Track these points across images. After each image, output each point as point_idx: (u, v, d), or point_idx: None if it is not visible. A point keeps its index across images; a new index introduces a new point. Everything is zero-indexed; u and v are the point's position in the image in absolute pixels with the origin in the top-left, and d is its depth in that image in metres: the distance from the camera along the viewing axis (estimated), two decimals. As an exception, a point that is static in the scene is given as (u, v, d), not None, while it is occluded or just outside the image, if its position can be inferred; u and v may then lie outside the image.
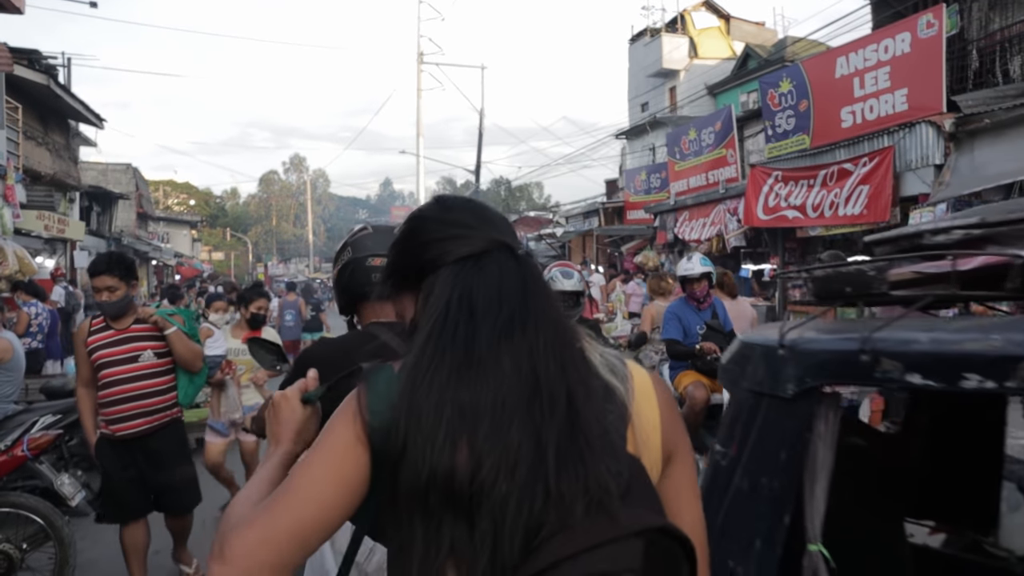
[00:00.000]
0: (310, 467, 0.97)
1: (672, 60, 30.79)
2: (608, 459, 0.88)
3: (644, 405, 1.03)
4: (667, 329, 5.50)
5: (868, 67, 10.91)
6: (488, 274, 1.02)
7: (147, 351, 3.71)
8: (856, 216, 10.69)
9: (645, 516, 0.89)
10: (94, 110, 16.41)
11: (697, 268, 5.39)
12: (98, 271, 3.62)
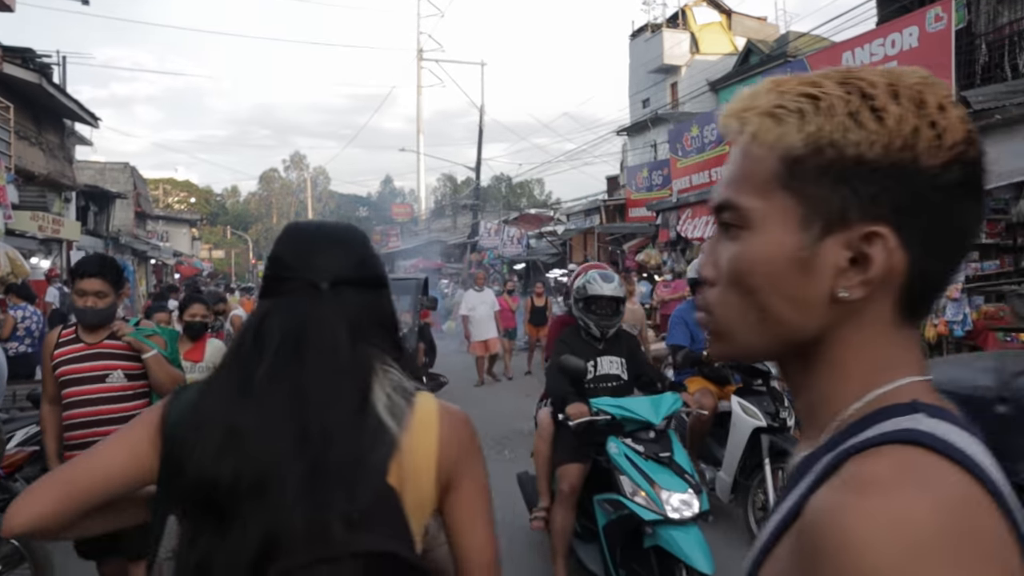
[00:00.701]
0: (109, 444, 1.19)
1: (673, 56, 30.62)
2: (346, 491, 1.01)
3: (421, 439, 1.14)
4: (673, 334, 5.31)
5: (875, 62, 10.67)
6: (283, 315, 1.19)
7: (117, 371, 3.25)
8: (863, 214, 10.48)
9: (370, 541, 1.03)
10: (88, 109, 16.22)
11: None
12: (88, 272, 3.21)
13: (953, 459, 0.56)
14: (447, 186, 65.38)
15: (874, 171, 0.64)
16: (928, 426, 0.60)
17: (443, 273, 28.95)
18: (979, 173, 0.66)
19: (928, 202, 0.64)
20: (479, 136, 30.18)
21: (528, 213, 31.41)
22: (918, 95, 0.65)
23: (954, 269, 0.68)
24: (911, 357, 0.68)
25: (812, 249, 0.66)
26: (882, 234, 0.64)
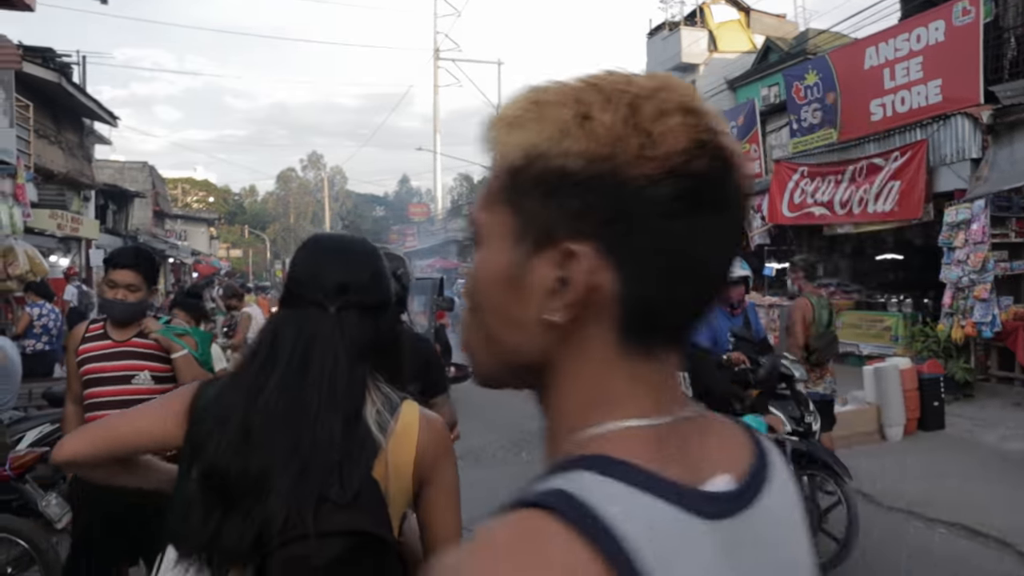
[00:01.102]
0: (149, 408, 1.51)
1: (691, 54, 30.30)
2: (337, 482, 1.18)
3: (402, 443, 1.36)
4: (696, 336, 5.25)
5: (899, 57, 10.48)
6: (295, 329, 1.39)
7: (144, 373, 3.01)
8: (887, 213, 10.27)
9: (355, 521, 1.24)
10: (107, 108, 16.29)
11: (736, 271, 4.99)
12: (122, 263, 2.99)
13: (573, 521, 0.51)
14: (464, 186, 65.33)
15: (577, 184, 0.57)
16: (580, 487, 0.53)
17: (460, 273, 28.87)
18: (706, 187, 0.57)
19: (636, 218, 0.57)
20: (496, 135, 30.01)
21: (545, 212, 31.17)
22: (635, 100, 0.58)
23: (693, 295, 0.60)
24: (636, 394, 0.60)
25: (523, 267, 0.60)
26: (577, 253, 0.57)
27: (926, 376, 7.88)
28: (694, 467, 0.60)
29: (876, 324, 11.35)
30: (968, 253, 8.66)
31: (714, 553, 0.56)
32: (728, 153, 0.59)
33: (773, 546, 0.63)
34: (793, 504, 0.68)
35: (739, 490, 0.61)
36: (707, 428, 0.65)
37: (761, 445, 0.68)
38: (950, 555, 4.71)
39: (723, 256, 0.61)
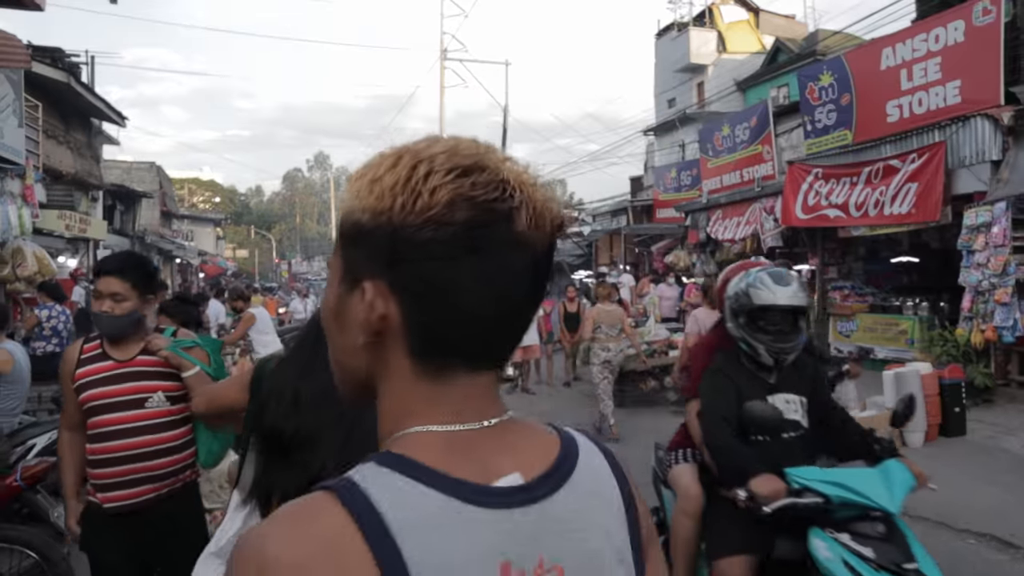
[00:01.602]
0: (230, 384, 2.32)
1: (700, 55, 30.20)
2: (374, 444, 1.09)
3: None
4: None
5: (917, 58, 10.33)
6: None
7: (157, 393, 2.71)
8: (904, 215, 10.12)
9: None
10: (116, 108, 16.22)
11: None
12: (105, 270, 2.68)
13: (343, 500, 0.66)
14: (469, 186, 65.09)
15: (367, 234, 0.71)
16: (362, 475, 0.69)
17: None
18: (465, 235, 0.69)
19: (408, 260, 0.70)
20: (503, 136, 29.95)
21: (552, 213, 31.09)
22: (416, 163, 0.70)
23: (459, 323, 0.71)
24: (434, 405, 0.73)
25: (344, 302, 0.75)
26: (366, 288, 0.72)
27: (947, 381, 7.74)
28: (485, 464, 0.72)
29: (892, 327, 11.21)
30: (988, 256, 8.52)
31: (491, 534, 0.69)
32: (501, 208, 0.70)
33: (572, 534, 0.75)
34: (599, 501, 0.80)
35: (527, 486, 0.73)
36: (510, 434, 0.77)
37: (571, 453, 0.80)
38: (983, 568, 4.59)
39: (497, 295, 0.71)
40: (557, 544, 0.73)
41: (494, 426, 0.75)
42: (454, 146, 0.72)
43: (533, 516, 0.72)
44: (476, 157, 0.72)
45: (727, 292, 3.02)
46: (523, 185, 0.73)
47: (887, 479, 2.55)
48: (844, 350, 12.06)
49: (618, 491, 0.83)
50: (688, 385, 3.34)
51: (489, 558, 0.69)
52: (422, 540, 0.66)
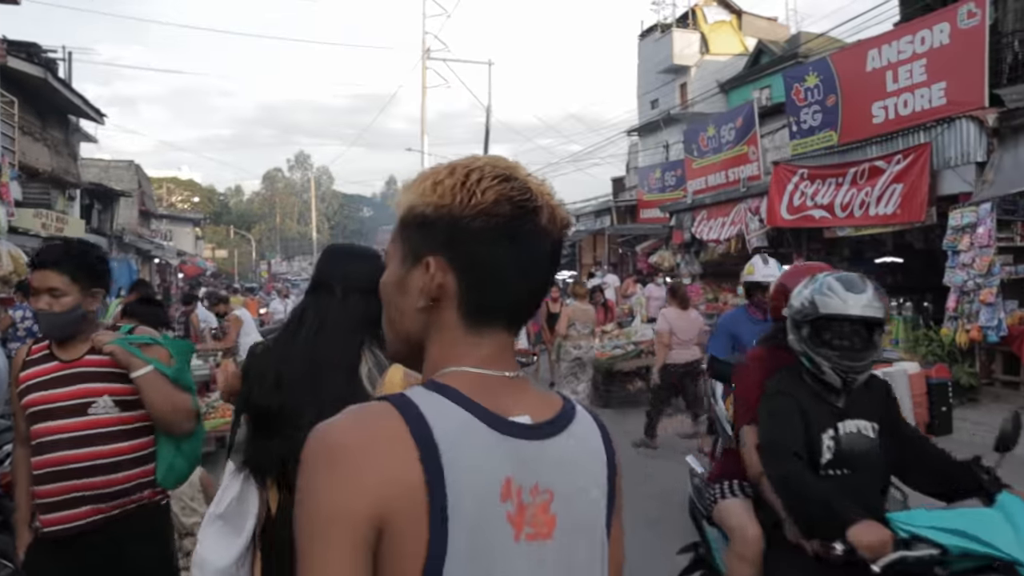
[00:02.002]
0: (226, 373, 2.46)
1: (683, 56, 30.28)
2: None
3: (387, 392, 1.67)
4: (712, 344, 5.00)
5: (902, 60, 10.37)
6: (315, 307, 2.04)
7: (103, 397, 2.33)
8: (889, 216, 10.16)
9: None
10: (94, 105, 15.95)
11: (776, 274, 4.61)
12: (40, 263, 2.39)
13: (398, 408, 0.88)
14: (452, 187, 64.91)
15: (432, 223, 0.95)
16: (413, 393, 0.91)
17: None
18: (506, 224, 0.93)
19: (462, 242, 0.93)
20: (486, 136, 29.88)
21: (535, 214, 31.03)
22: (469, 171, 0.95)
23: (498, 291, 0.95)
24: (472, 353, 0.96)
25: (405, 276, 0.98)
26: (430, 262, 0.95)
27: (934, 381, 7.74)
28: (503, 403, 0.93)
29: (877, 328, 11.26)
30: (974, 256, 8.56)
31: (501, 454, 0.90)
32: (530, 206, 0.95)
33: (564, 471, 0.96)
34: (588, 453, 1.01)
35: (533, 426, 0.95)
36: (523, 386, 0.99)
37: (570, 411, 1.01)
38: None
39: (525, 271, 0.96)
40: (551, 475, 0.94)
41: (512, 378, 0.98)
42: (494, 160, 0.98)
43: (534, 450, 0.94)
44: (510, 169, 0.98)
45: (796, 300, 2.56)
46: (542, 192, 0.98)
47: (1010, 520, 2.11)
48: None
49: (604, 453, 1.03)
50: (741, 409, 2.86)
51: (498, 471, 0.90)
52: (453, 445, 0.87)
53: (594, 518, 1.00)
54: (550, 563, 0.93)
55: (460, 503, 0.85)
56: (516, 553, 0.90)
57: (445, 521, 0.84)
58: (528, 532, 0.91)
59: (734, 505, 2.83)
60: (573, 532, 0.96)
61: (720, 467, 3.06)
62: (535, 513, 0.92)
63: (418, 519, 0.84)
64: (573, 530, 0.96)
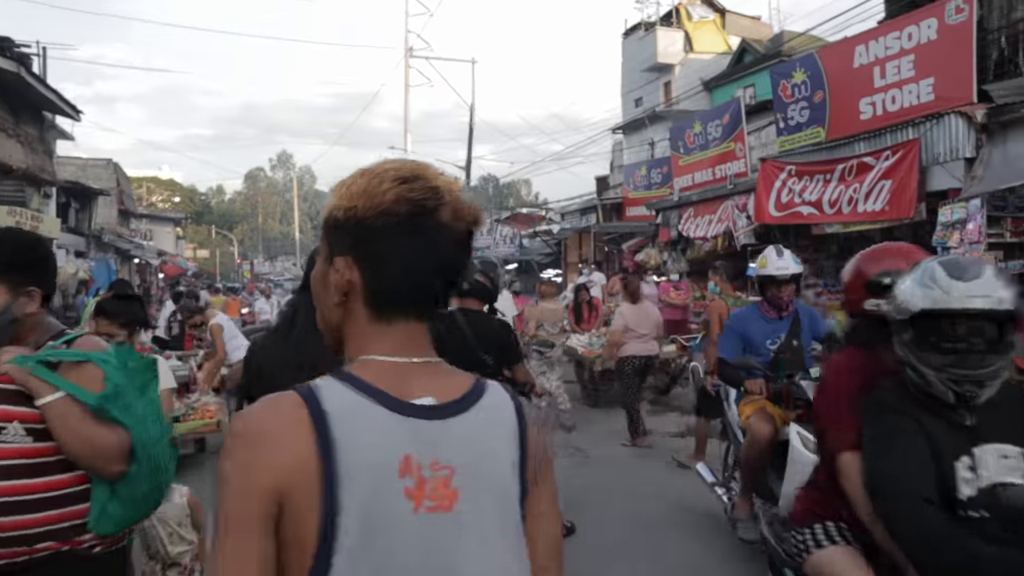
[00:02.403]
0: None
1: (667, 54, 30.30)
2: None
3: None
4: (722, 345, 4.57)
5: (890, 55, 10.31)
6: (305, 307, 2.24)
7: (13, 424, 1.91)
8: (878, 212, 10.10)
9: None
10: (70, 101, 15.60)
11: (791, 267, 4.37)
12: None
13: (303, 396, 0.99)
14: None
15: (341, 224, 1.07)
16: (319, 383, 1.02)
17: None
18: (405, 222, 1.04)
19: (366, 240, 1.05)
20: (469, 134, 29.72)
21: (520, 213, 30.97)
22: (375, 174, 1.07)
23: (401, 284, 1.06)
24: (381, 341, 1.07)
25: (326, 273, 1.10)
26: (338, 260, 1.07)
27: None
28: (406, 387, 1.04)
29: (865, 325, 11.22)
30: (964, 252, 8.50)
31: (400, 433, 1.00)
32: (430, 204, 1.04)
33: (469, 447, 1.04)
34: (496, 430, 1.08)
35: (436, 407, 1.04)
36: (432, 370, 1.09)
37: (479, 390, 1.09)
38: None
39: (426, 265, 1.05)
40: (454, 452, 1.01)
41: (420, 363, 1.07)
42: (401, 165, 1.08)
43: (436, 428, 1.01)
44: (416, 171, 1.06)
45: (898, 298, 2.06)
46: (451, 191, 1.06)
47: None
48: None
49: (516, 428, 1.09)
50: (833, 429, 2.31)
51: (396, 449, 0.98)
52: (346, 425, 0.97)
53: (504, 492, 1.07)
54: (452, 534, 1.00)
55: (353, 478, 0.95)
56: (415, 524, 0.98)
57: (335, 494, 0.94)
58: (428, 505, 0.99)
59: (838, 558, 2.22)
60: (479, 505, 1.03)
61: (804, 505, 2.52)
62: (436, 487, 0.99)
63: (312, 491, 0.94)
64: (479, 503, 1.03)
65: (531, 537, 1.10)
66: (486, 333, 4.08)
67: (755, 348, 4.35)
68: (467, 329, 3.98)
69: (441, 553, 0.99)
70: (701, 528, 5.30)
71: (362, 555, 0.94)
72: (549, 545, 1.13)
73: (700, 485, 5.35)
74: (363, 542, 0.94)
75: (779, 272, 4.32)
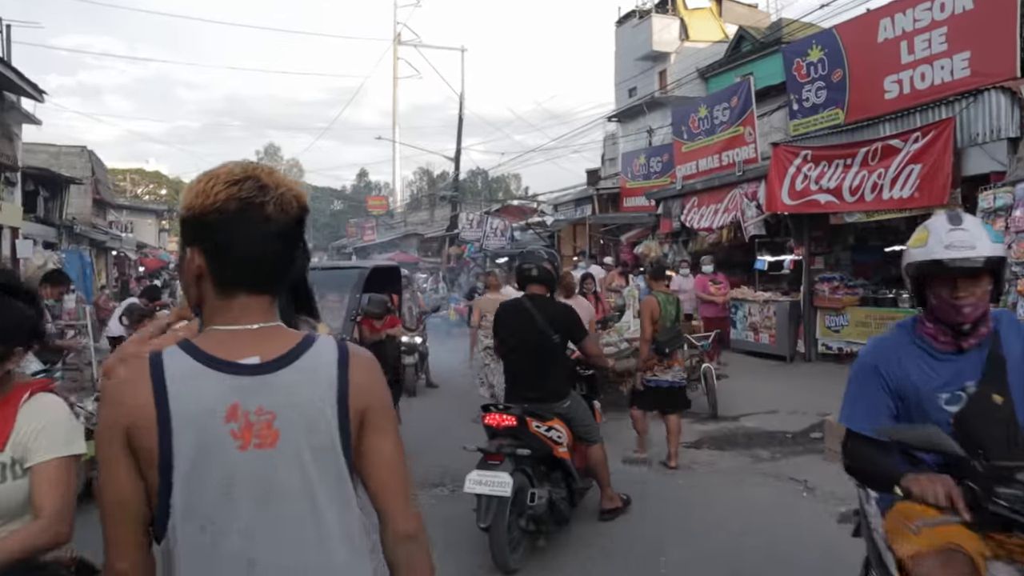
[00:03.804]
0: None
1: (662, 42, 29.46)
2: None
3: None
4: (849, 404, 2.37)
5: (919, 28, 9.48)
6: None
7: None
8: (906, 199, 9.28)
9: None
10: (30, 80, 14.53)
11: (984, 245, 2.12)
12: None
13: (150, 361, 1.27)
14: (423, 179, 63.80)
15: (187, 221, 1.33)
16: (165, 350, 1.29)
17: (420, 267, 27.58)
18: (234, 217, 1.28)
19: (205, 233, 1.30)
20: (459, 124, 28.79)
21: (511, 205, 30.06)
22: (210, 176, 1.32)
23: (235, 267, 1.31)
24: (222, 314, 1.33)
25: (184, 261, 1.35)
26: (188, 250, 1.33)
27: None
28: (236, 350, 1.29)
29: (887, 321, 10.36)
30: (1010, 243, 7.68)
31: (226, 387, 1.26)
32: (256, 201, 1.29)
33: (288, 395, 1.29)
34: (315, 381, 1.33)
35: (262, 364, 1.29)
36: (267, 335, 1.34)
37: (302, 347, 1.35)
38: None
39: (253, 250, 1.31)
40: (275, 399, 1.28)
41: (256, 329, 1.33)
42: (235, 168, 1.34)
43: (258, 382, 1.29)
44: (245, 172, 1.32)
45: None
46: (279, 186, 1.33)
47: None
48: (833, 346, 11.24)
49: (336, 379, 1.34)
50: None
51: (223, 399, 1.26)
52: (178, 383, 1.26)
53: (323, 431, 1.31)
54: (277, 465, 1.27)
55: (184, 422, 1.24)
56: (243, 458, 1.26)
57: (169, 432, 1.23)
58: (255, 443, 1.26)
59: None
60: (298, 442, 1.29)
61: None
62: (261, 428, 1.27)
63: (152, 431, 1.24)
64: (297, 441, 1.29)
65: (368, 468, 1.37)
66: (552, 315, 4.70)
67: (917, 407, 2.28)
68: (536, 312, 4.63)
69: (264, 479, 1.26)
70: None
71: (195, 479, 1.23)
72: (386, 474, 1.38)
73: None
74: (196, 470, 1.24)
75: (958, 255, 2.14)
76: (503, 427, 4.53)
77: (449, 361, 11.39)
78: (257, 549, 1.24)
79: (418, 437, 7.76)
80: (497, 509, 4.19)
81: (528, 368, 4.77)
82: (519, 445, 4.44)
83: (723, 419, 8.42)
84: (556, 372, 4.79)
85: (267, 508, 1.25)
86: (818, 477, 6.08)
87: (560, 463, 4.70)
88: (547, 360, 4.74)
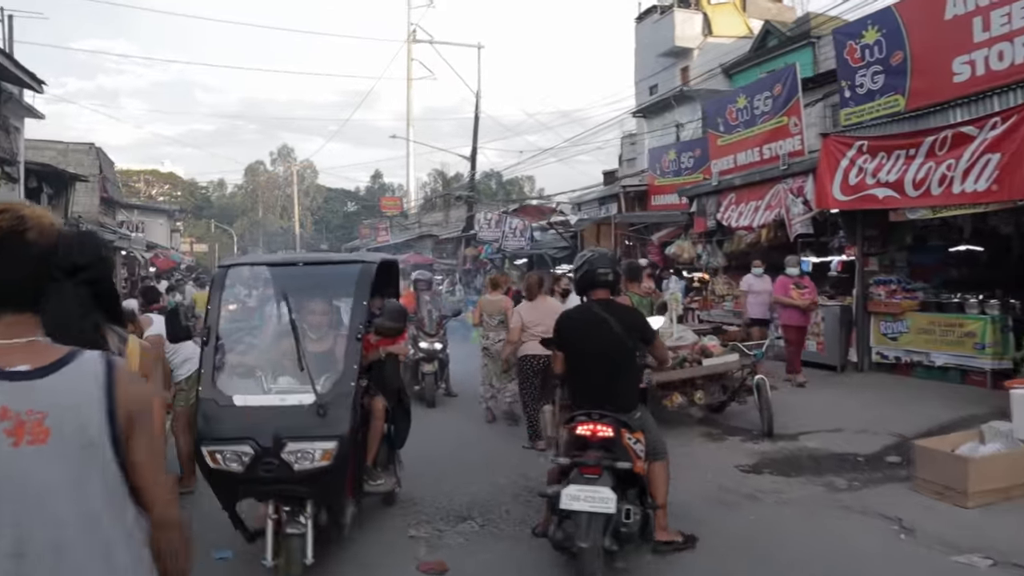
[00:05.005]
0: None
1: (685, 38, 28.54)
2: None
3: (131, 359, 3.02)
4: None
5: (996, 2, 8.50)
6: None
7: None
8: (981, 193, 8.30)
9: None
10: (29, 70, 13.82)
11: None
12: None
13: None
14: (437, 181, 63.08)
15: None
16: None
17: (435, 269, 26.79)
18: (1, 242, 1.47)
19: None
20: (475, 121, 27.97)
21: (530, 204, 29.19)
22: None
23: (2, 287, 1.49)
24: (30, 330, 1.49)
25: None
26: None
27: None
28: (8, 360, 1.42)
29: (954, 329, 9.40)
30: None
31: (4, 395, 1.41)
32: (19, 228, 1.48)
33: (56, 398, 1.43)
34: (82, 386, 1.48)
35: (30, 371, 1.43)
36: (36, 347, 1.48)
37: (68, 358, 1.49)
38: None
39: (16, 274, 1.49)
40: (44, 401, 1.41)
41: (24, 342, 1.47)
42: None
43: (27, 386, 1.42)
44: (5, 207, 1.50)
45: None
46: (36, 217, 1.51)
47: None
48: (889, 355, 10.27)
49: (104, 386, 1.48)
50: None
51: None
52: None
53: (91, 431, 1.45)
54: (46, 459, 1.41)
55: None
56: (18, 454, 1.39)
57: None
58: (28, 439, 1.40)
59: None
60: (68, 440, 1.43)
61: None
62: (32, 427, 1.40)
63: None
64: (67, 438, 1.43)
65: (134, 464, 1.52)
66: (629, 321, 4.52)
67: None
68: (611, 319, 4.42)
69: (36, 471, 1.40)
70: None
71: None
72: (147, 469, 1.55)
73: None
74: None
75: None
76: (599, 438, 4.13)
77: (467, 368, 10.52)
78: (28, 544, 1.39)
79: (438, 457, 6.88)
80: (596, 527, 3.84)
81: (603, 378, 4.39)
82: (615, 458, 4.08)
83: (780, 437, 7.49)
84: (630, 381, 4.58)
85: (40, 500, 1.41)
86: (913, 514, 5.16)
87: (638, 479, 4.25)
88: (623, 368, 4.47)
